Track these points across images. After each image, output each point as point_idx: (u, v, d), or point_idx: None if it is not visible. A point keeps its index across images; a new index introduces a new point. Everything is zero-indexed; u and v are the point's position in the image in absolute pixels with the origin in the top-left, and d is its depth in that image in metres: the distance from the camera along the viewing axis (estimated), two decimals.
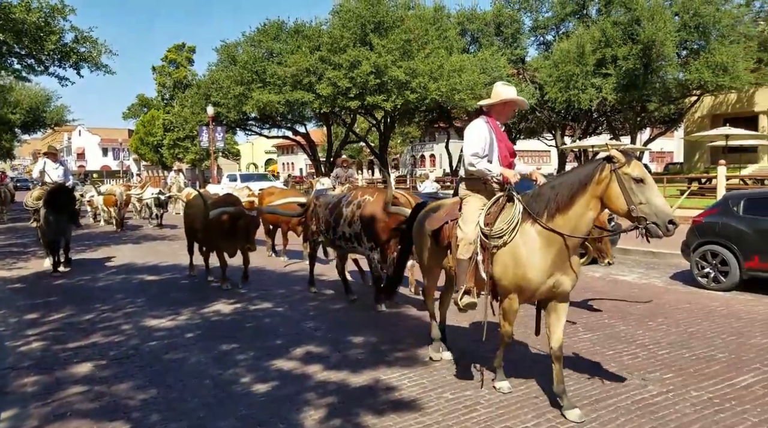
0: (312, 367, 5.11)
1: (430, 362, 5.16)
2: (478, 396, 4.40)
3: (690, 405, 4.18)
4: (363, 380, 4.79)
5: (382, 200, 6.74)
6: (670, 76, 26.71)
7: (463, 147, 4.51)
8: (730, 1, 27.04)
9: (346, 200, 7.26)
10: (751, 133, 22.57)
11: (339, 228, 7.16)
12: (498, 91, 4.49)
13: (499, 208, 4.27)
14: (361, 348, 5.64)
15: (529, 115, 32.03)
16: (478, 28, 30.14)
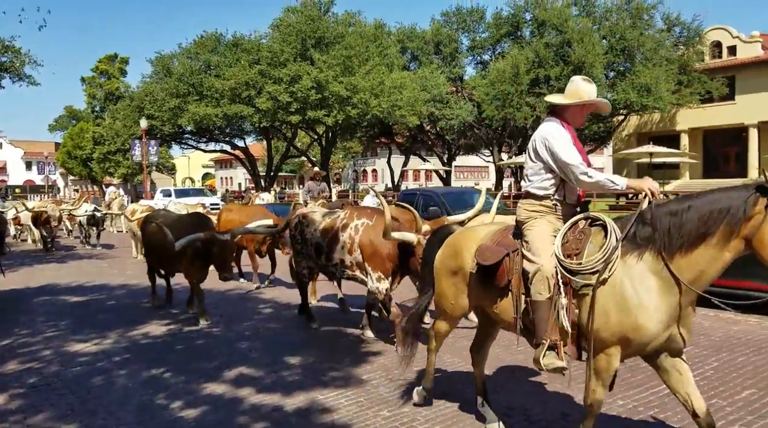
0: (245, 390, 4.95)
1: (368, 381, 5.10)
2: (415, 413, 4.39)
3: (616, 414, 4.32)
4: (298, 401, 4.68)
5: (383, 224, 5.92)
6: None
7: (548, 155, 3.51)
8: (652, 26, 28.90)
9: (342, 222, 6.40)
10: (672, 150, 24.04)
11: (334, 254, 6.35)
12: (579, 89, 3.55)
13: (579, 235, 3.40)
14: (297, 369, 5.52)
15: (468, 132, 32.85)
16: (418, 46, 30.75)
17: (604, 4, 28.93)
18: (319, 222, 6.69)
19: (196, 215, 8.35)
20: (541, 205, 3.58)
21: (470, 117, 29.71)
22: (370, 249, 6.08)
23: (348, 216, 6.46)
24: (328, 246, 6.42)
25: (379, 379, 5.15)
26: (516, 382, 5.05)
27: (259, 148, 42.73)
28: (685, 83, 28.59)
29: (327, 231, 6.49)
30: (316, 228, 6.67)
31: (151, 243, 8.02)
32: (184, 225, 7.32)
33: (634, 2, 28.33)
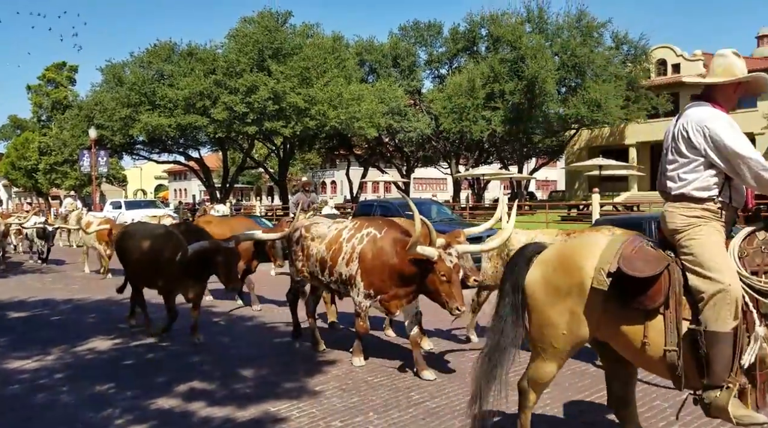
0: (195, 404, 4.83)
1: (322, 392, 5.06)
2: (367, 422, 4.37)
3: (560, 412, 4.45)
4: (250, 414, 4.59)
5: (392, 236, 5.46)
6: (552, 111, 28.97)
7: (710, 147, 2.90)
8: (602, 44, 30.02)
9: (348, 233, 5.83)
10: (620, 163, 24.93)
11: (336, 267, 5.78)
12: (733, 65, 2.96)
13: (763, 248, 2.80)
14: (249, 382, 5.42)
15: (426, 145, 33.24)
16: (376, 59, 31.03)
17: (555, 22, 29.92)
18: (325, 234, 6.06)
19: (185, 225, 7.67)
20: (703, 210, 2.92)
21: (428, 129, 30.10)
22: (370, 262, 5.45)
23: (357, 226, 5.86)
24: (332, 259, 5.83)
25: (333, 390, 5.11)
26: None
27: (214, 159, 42.05)
28: (632, 99, 29.74)
29: (333, 243, 5.90)
30: (321, 242, 6.00)
31: (136, 259, 7.08)
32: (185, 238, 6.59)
33: (584, 20, 29.39)
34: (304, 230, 6.27)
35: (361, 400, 4.83)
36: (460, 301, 4.99)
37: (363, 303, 5.62)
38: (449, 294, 5.02)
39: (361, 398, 4.89)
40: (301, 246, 6.24)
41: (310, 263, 6.15)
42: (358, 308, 5.68)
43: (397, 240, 5.41)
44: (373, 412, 4.56)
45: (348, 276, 5.67)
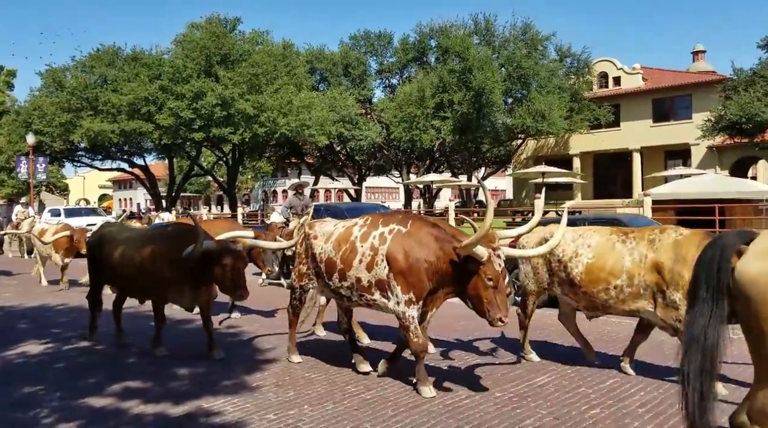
0: (128, 402, 4.75)
1: (258, 388, 5.06)
2: (301, 414, 4.41)
3: (492, 405, 4.59)
4: (183, 410, 4.56)
5: (424, 230, 4.85)
6: (499, 121, 29.71)
7: None
8: (546, 57, 31.06)
9: (360, 231, 5.18)
10: (562, 171, 25.76)
11: (350, 271, 5.09)
12: None
13: None
14: (185, 380, 5.37)
15: (377, 153, 33.48)
16: (327, 67, 31.13)
17: (502, 34, 30.80)
18: (332, 232, 5.45)
19: (180, 225, 6.89)
20: None
21: (379, 138, 30.36)
22: (404, 263, 4.76)
23: (369, 223, 5.20)
24: (343, 261, 5.16)
25: (269, 386, 5.12)
26: None
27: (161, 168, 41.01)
28: (576, 110, 30.84)
29: (341, 243, 5.24)
30: (328, 240, 5.39)
31: (124, 264, 6.30)
32: (173, 238, 5.95)
33: (529, 33, 30.37)
34: (307, 228, 5.72)
35: (296, 394, 4.88)
36: (504, 311, 4.43)
37: (409, 313, 4.76)
38: (492, 302, 4.42)
39: (296, 392, 4.93)
40: (305, 246, 5.64)
41: (314, 265, 5.48)
42: (405, 320, 4.78)
43: (432, 235, 4.79)
44: (308, 405, 4.61)
45: (376, 283, 4.93)
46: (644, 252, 4.91)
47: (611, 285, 5.02)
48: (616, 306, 5.09)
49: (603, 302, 5.13)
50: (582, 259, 5.22)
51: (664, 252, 4.79)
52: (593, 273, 5.12)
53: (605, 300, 5.10)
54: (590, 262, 5.16)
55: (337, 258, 5.21)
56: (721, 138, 24.18)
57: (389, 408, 4.50)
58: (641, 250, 4.94)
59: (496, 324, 4.45)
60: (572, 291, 5.33)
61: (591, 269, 5.14)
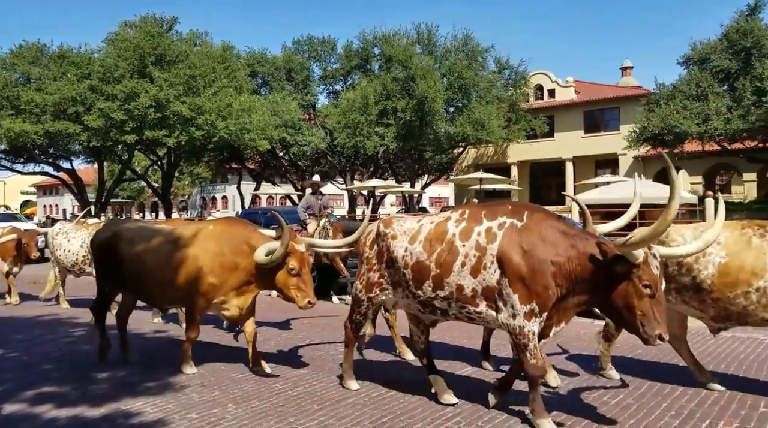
0: (43, 407, 4.54)
1: (182, 389, 4.91)
2: (225, 412, 4.33)
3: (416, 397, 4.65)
4: (100, 413, 4.39)
5: (547, 222, 3.95)
6: (441, 129, 30.22)
7: None
8: (486, 68, 31.91)
9: (458, 227, 4.20)
10: (498, 177, 26.48)
11: (449, 277, 4.12)
12: None
13: None
14: (105, 384, 5.16)
15: (321, 159, 33.32)
16: (269, 71, 30.76)
17: (443, 45, 31.40)
18: (417, 230, 4.43)
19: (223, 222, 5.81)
20: None
21: (323, 144, 30.23)
22: (524, 265, 3.85)
23: (468, 216, 4.21)
24: (440, 265, 4.17)
25: (194, 386, 5.00)
26: None
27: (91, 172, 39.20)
28: (513, 120, 31.78)
29: (434, 242, 4.25)
30: (415, 240, 4.38)
31: (157, 268, 5.39)
32: (227, 237, 5.31)
33: (470, 45, 31.10)
34: (382, 226, 4.67)
35: (221, 394, 4.79)
36: (664, 326, 3.59)
37: (529, 328, 3.85)
38: (649, 314, 3.56)
39: (222, 392, 4.84)
40: (379, 248, 4.61)
41: (393, 271, 4.50)
42: (522, 336, 3.88)
43: (559, 229, 3.90)
44: (233, 404, 4.53)
45: (482, 291, 4.01)
46: None
47: (753, 287, 4.24)
48: (756, 314, 4.29)
49: (741, 309, 4.33)
50: (712, 259, 4.38)
51: None
52: (729, 274, 4.31)
53: (744, 306, 4.30)
54: (724, 262, 4.35)
55: (430, 261, 4.21)
56: (645, 148, 25.47)
57: (315, 403, 4.50)
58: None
59: (654, 342, 3.58)
60: (697, 297, 4.46)
61: (726, 270, 4.33)
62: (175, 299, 5.60)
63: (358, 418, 4.18)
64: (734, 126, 19.70)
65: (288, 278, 4.99)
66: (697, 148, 23.20)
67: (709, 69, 21.51)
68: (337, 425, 4.06)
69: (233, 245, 5.21)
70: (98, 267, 6.13)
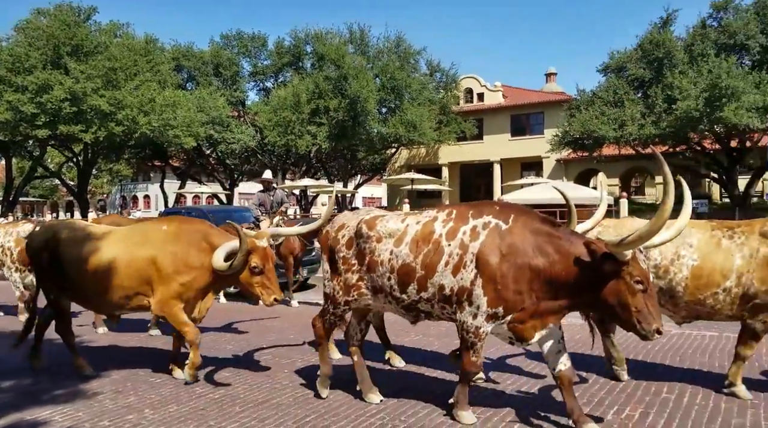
0: None
1: (94, 396, 4.60)
2: (141, 419, 4.09)
3: (341, 395, 4.58)
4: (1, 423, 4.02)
5: (532, 225, 3.85)
6: (374, 130, 30.30)
7: None
8: (418, 70, 32.29)
9: (445, 226, 4.03)
10: (429, 178, 26.90)
11: (433, 277, 3.97)
12: None
13: None
14: (8, 392, 4.76)
15: (251, 158, 32.58)
16: (195, 66, 29.76)
17: (376, 45, 31.53)
18: (403, 231, 4.17)
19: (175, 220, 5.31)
20: None
21: (252, 142, 29.57)
22: (499, 268, 3.76)
23: (455, 215, 4.05)
24: (425, 266, 4.00)
25: (107, 393, 4.71)
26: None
27: None
28: (444, 123, 32.35)
29: (421, 243, 4.06)
30: (401, 242, 4.13)
31: (109, 272, 4.91)
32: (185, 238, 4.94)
33: (402, 46, 31.39)
34: (366, 227, 4.29)
35: (137, 399, 4.53)
36: (659, 320, 3.59)
37: (483, 329, 3.84)
38: (644, 310, 3.55)
39: (138, 397, 4.58)
40: (359, 249, 4.31)
41: (376, 276, 4.21)
42: (474, 336, 3.86)
43: (544, 232, 3.81)
44: (150, 409, 4.30)
45: (458, 291, 3.88)
46: (756, 246, 4.36)
47: (721, 288, 4.38)
48: (722, 312, 4.44)
49: (710, 309, 4.46)
50: (686, 262, 4.45)
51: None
52: (702, 277, 4.40)
53: (713, 306, 4.43)
54: (697, 264, 4.43)
55: (416, 263, 4.02)
56: (567, 152, 26.65)
57: (237, 405, 4.35)
58: (752, 244, 4.37)
59: (652, 337, 3.56)
60: (672, 301, 4.53)
61: (698, 272, 4.41)
62: (135, 305, 5.04)
63: (281, 419, 4.08)
64: (647, 131, 20.94)
65: (251, 276, 4.76)
66: (614, 151, 24.49)
67: (626, 77, 22.79)
68: (260, 427, 3.93)
69: (194, 243, 4.91)
70: (38, 273, 5.53)
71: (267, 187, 9.71)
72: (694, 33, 21.91)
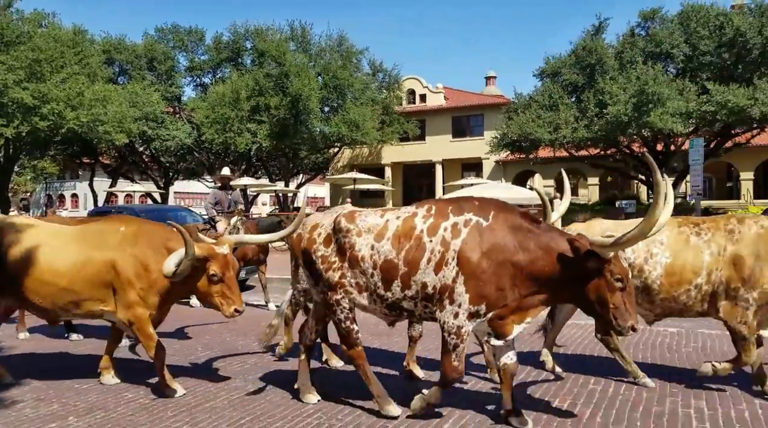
0: None
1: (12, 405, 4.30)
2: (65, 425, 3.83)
3: (279, 396, 4.47)
4: None
5: (513, 222, 3.83)
6: (316, 128, 30.03)
7: None
8: (360, 70, 32.25)
9: (425, 222, 3.95)
10: (371, 178, 26.96)
11: (416, 275, 3.87)
12: None
13: None
14: None
15: (187, 156, 31.58)
16: (128, 59, 28.55)
17: (318, 44, 31.27)
18: (384, 226, 4.06)
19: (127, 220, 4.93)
20: None
21: (189, 139, 28.66)
22: (480, 265, 3.72)
23: (435, 211, 3.99)
24: (408, 262, 3.90)
25: (28, 401, 4.41)
26: None
27: None
28: (387, 123, 32.47)
29: (403, 239, 3.95)
30: (382, 237, 4.01)
31: (55, 273, 4.52)
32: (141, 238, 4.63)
33: (344, 45, 31.26)
34: (345, 221, 4.14)
35: (61, 407, 4.27)
36: (635, 317, 3.68)
37: (464, 329, 3.77)
38: (621, 307, 3.62)
39: (61, 405, 4.31)
40: (339, 245, 4.13)
41: (358, 272, 4.05)
42: (456, 336, 3.77)
43: (525, 229, 3.80)
44: (74, 416, 4.06)
45: (440, 288, 3.81)
46: (723, 243, 4.44)
47: (692, 285, 4.46)
48: (694, 308, 4.53)
49: (682, 306, 4.55)
50: (659, 259, 4.51)
51: (745, 246, 4.38)
52: (675, 274, 4.47)
53: (685, 302, 4.52)
54: (669, 262, 4.49)
55: (399, 259, 3.92)
56: (506, 153, 27.35)
57: (169, 410, 4.17)
58: (719, 242, 4.46)
59: (626, 333, 3.67)
60: (648, 299, 4.58)
61: (671, 270, 4.48)
62: (84, 311, 4.66)
63: (215, 422, 3.94)
64: (580, 134, 21.78)
65: (210, 285, 4.42)
66: (549, 154, 25.32)
67: (560, 82, 23.61)
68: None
69: (154, 246, 4.57)
70: None
71: (225, 184, 9.23)
72: (623, 41, 22.96)
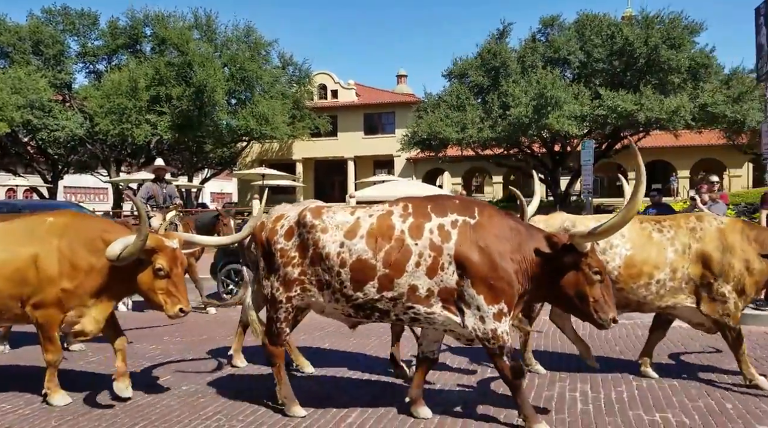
0: None
1: None
2: None
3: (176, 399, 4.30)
4: None
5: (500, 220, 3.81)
6: (222, 121, 28.95)
7: None
8: (269, 62, 31.47)
9: (405, 222, 3.79)
10: (281, 173, 26.46)
11: (401, 277, 3.71)
12: None
13: None
14: None
15: (79, 148, 29.32)
16: (9, 41, 26.06)
17: (224, 33, 30.16)
18: (355, 224, 3.86)
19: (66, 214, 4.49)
20: None
21: (80, 130, 26.62)
22: (486, 264, 3.66)
23: (413, 211, 3.85)
24: (389, 264, 3.72)
25: None
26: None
27: None
28: (298, 118, 31.95)
29: (380, 239, 3.77)
30: (354, 236, 3.81)
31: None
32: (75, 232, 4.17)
33: (252, 36, 30.37)
34: (310, 215, 3.94)
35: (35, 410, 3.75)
36: (614, 309, 3.71)
37: (501, 330, 3.66)
38: (600, 300, 3.65)
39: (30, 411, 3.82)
40: (301, 240, 3.92)
41: (321, 270, 3.85)
42: (495, 340, 3.66)
43: (510, 225, 3.82)
44: None
45: (438, 292, 3.72)
46: (687, 241, 4.58)
47: (654, 279, 4.56)
48: (653, 303, 4.65)
49: (641, 299, 4.64)
50: (619, 251, 4.62)
51: (710, 242, 4.52)
52: (634, 266, 4.58)
53: (644, 296, 4.61)
54: (629, 254, 4.61)
55: (377, 260, 3.73)
56: (416, 151, 27.86)
57: (53, 419, 3.87)
58: (683, 240, 4.59)
59: (608, 326, 3.69)
60: None
61: (631, 262, 4.58)
62: (11, 314, 4.19)
63: None
64: (485, 134, 22.61)
65: (154, 280, 4.06)
66: (457, 152, 26.09)
67: (467, 83, 24.39)
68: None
69: (86, 241, 4.14)
70: None
71: (160, 177, 8.63)
72: (525, 46, 24.08)
